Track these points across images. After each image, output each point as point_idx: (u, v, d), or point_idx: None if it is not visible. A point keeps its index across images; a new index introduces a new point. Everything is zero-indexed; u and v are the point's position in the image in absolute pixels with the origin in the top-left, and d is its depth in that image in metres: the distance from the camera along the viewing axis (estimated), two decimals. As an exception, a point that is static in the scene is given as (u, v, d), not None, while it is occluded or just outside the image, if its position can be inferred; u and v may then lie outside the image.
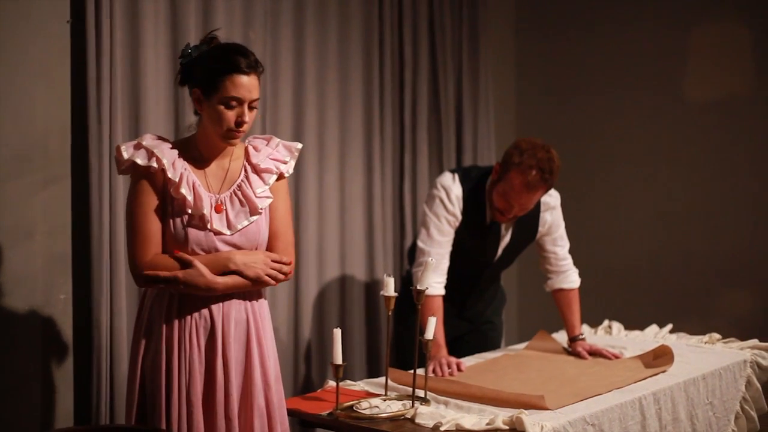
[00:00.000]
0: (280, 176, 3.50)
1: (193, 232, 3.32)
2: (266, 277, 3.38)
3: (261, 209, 3.40)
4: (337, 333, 3.56)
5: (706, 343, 4.86)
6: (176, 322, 3.32)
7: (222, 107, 3.27)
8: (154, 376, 3.33)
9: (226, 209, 3.37)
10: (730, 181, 6.14)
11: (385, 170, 5.87)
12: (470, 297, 4.83)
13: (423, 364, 3.84)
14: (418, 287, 3.73)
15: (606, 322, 5.29)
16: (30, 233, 4.15)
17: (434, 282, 4.37)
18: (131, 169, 3.36)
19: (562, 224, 4.74)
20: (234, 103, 3.27)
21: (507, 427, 3.33)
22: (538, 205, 4.59)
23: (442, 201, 4.48)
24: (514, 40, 7.14)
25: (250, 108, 3.31)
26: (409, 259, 5.13)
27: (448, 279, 4.51)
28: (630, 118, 6.55)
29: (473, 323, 4.92)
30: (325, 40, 5.48)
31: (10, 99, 4.15)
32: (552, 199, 4.66)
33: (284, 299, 5.25)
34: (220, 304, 3.35)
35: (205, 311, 3.33)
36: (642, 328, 5.18)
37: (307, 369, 5.41)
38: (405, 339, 4.64)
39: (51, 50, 4.26)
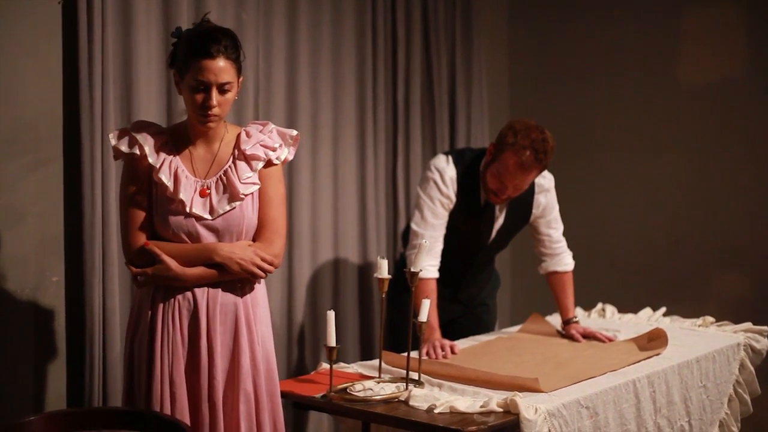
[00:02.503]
0: (269, 163, 3.49)
1: (173, 218, 3.36)
2: (250, 274, 3.40)
3: (243, 195, 3.40)
4: (331, 315, 3.56)
5: (699, 326, 4.87)
6: (161, 304, 3.37)
7: (190, 90, 3.31)
8: (140, 356, 3.38)
9: (210, 194, 3.39)
10: (724, 165, 6.13)
11: (378, 153, 5.86)
12: (464, 280, 4.82)
13: (417, 346, 3.84)
14: (412, 269, 3.72)
15: (599, 305, 5.29)
16: (22, 215, 4.13)
17: (428, 265, 4.36)
18: (120, 155, 3.42)
19: (557, 207, 4.73)
20: (201, 86, 3.29)
21: (501, 410, 3.34)
22: (532, 187, 4.58)
23: (436, 183, 4.47)
24: (507, 22, 7.12)
25: (222, 91, 3.31)
26: (403, 241, 5.12)
27: (442, 262, 4.50)
28: (624, 102, 6.54)
29: (467, 306, 4.91)
30: (318, 23, 5.46)
31: (0, 81, 4.13)
32: (546, 181, 4.66)
33: (278, 282, 5.24)
34: (205, 288, 3.38)
35: (189, 294, 3.37)
36: (635, 311, 5.18)
37: (300, 352, 5.41)
38: (398, 321, 4.64)
39: (41, 31, 4.23)
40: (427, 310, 3.74)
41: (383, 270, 3.69)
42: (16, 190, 4.10)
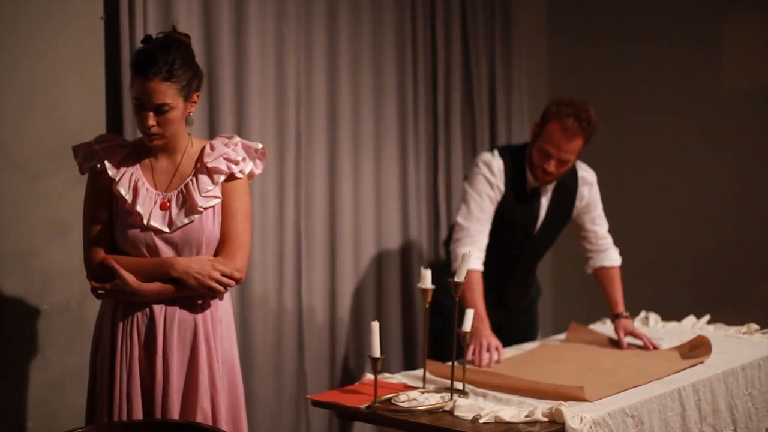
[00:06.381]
0: (232, 176, 3.43)
1: (131, 230, 3.33)
2: (208, 289, 3.35)
3: (202, 208, 3.35)
4: (375, 326, 3.52)
5: (744, 333, 4.83)
6: (121, 320, 3.34)
7: (133, 108, 3.29)
8: (102, 371, 3.36)
9: (170, 207, 3.35)
10: (767, 170, 6.10)
11: (419, 162, 5.87)
12: (510, 281, 4.84)
13: (461, 356, 3.83)
14: (456, 279, 3.71)
15: (643, 313, 5.26)
16: (66, 229, 4.16)
17: (474, 257, 4.38)
18: (84, 169, 3.42)
19: (600, 204, 4.77)
20: (139, 105, 3.25)
21: (546, 419, 3.32)
22: (575, 178, 4.65)
23: (485, 176, 4.52)
24: (546, 31, 7.11)
25: (160, 112, 3.25)
26: (445, 249, 5.15)
27: (488, 262, 4.52)
28: (665, 107, 6.51)
29: (511, 312, 4.92)
30: (358, 33, 5.48)
31: (44, 96, 4.17)
32: (589, 174, 4.72)
33: (320, 293, 5.26)
34: (163, 304, 3.34)
35: (147, 309, 3.33)
36: (679, 319, 5.15)
37: (344, 362, 5.42)
38: (442, 330, 4.63)
39: (84, 46, 4.28)
40: (471, 319, 3.72)
41: (426, 280, 3.68)
42: (61, 204, 4.13)
